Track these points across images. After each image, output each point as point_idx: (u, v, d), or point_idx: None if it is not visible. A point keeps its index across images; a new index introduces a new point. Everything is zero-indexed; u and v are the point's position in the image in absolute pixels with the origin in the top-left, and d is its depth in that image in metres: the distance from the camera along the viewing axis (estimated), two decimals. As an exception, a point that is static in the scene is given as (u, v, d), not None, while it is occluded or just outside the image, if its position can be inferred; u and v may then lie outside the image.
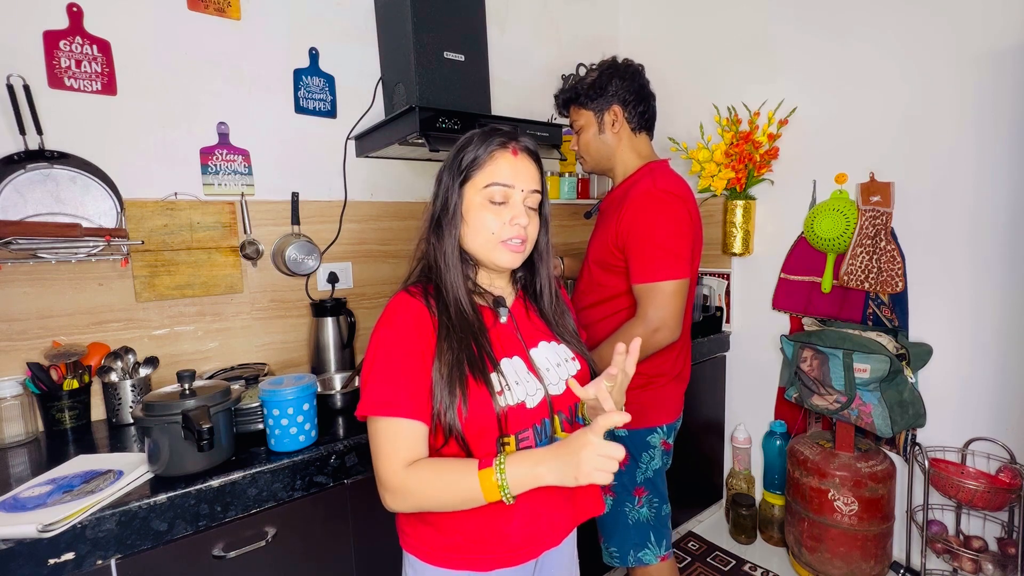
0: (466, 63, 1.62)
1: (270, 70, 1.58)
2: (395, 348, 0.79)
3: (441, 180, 0.87)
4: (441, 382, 0.78)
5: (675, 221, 1.23)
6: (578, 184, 2.24)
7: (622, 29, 2.56)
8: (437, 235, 0.86)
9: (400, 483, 0.76)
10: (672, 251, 1.21)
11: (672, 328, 1.22)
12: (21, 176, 1.23)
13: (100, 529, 0.89)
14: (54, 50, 1.27)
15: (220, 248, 1.51)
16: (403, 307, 0.82)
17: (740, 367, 2.31)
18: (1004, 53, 1.55)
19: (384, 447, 0.77)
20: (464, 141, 0.87)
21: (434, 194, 0.88)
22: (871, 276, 1.77)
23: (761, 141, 2.02)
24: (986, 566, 1.59)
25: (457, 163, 0.85)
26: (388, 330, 0.81)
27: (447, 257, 0.85)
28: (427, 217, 0.88)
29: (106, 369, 1.30)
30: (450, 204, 0.85)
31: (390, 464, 0.76)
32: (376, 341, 0.81)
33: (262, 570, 1.07)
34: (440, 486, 0.76)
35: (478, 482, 0.74)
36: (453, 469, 0.76)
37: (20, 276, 1.26)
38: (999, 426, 1.65)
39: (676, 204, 1.24)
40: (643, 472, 1.33)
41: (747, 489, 2.25)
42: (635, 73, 1.34)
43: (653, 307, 1.21)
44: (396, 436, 0.77)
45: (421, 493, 0.76)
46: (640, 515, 1.32)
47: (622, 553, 1.33)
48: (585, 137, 1.38)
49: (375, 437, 0.78)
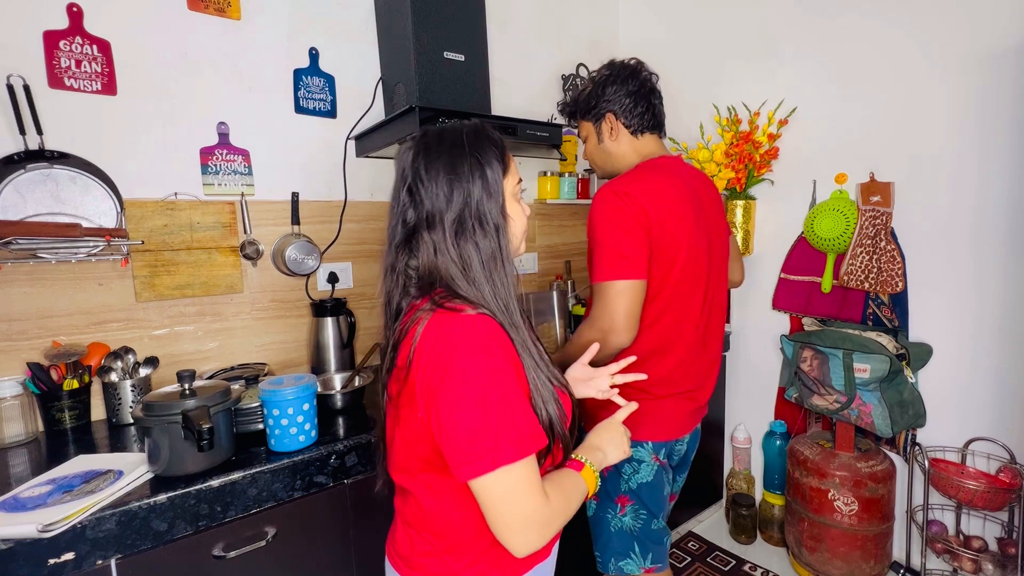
0: (466, 63, 1.62)
1: (270, 70, 1.58)
2: (508, 380, 0.69)
3: (464, 178, 0.76)
4: (542, 389, 0.75)
5: (622, 221, 1.14)
6: (578, 184, 2.24)
7: (622, 29, 2.56)
8: (483, 235, 0.75)
9: (549, 513, 0.71)
10: (617, 251, 1.13)
11: (620, 331, 1.13)
12: (21, 176, 1.23)
13: (100, 529, 0.89)
14: (54, 50, 1.27)
15: (220, 248, 1.51)
16: (496, 332, 0.71)
17: (740, 367, 2.31)
18: (1004, 53, 1.55)
19: (527, 485, 0.69)
20: (480, 137, 0.79)
21: (454, 198, 0.75)
22: (871, 276, 1.77)
23: (761, 141, 2.02)
24: (986, 566, 1.59)
25: (493, 158, 0.78)
26: (493, 360, 0.69)
27: (505, 255, 0.77)
28: (448, 222, 0.75)
29: (106, 369, 1.30)
30: (497, 200, 0.77)
31: (537, 499, 0.70)
32: (484, 376, 0.67)
33: (262, 570, 1.07)
34: (570, 497, 0.76)
35: (583, 480, 0.79)
36: (563, 477, 0.78)
37: (20, 276, 1.26)
38: (999, 426, 1.65)
39: (624, 203, 1.15)
40: (625, 481, 1.26)
41: (747, 489, 2.25)
42: (631, 75, 1.28)
43: (598, 308, 1.15)
44: (536, 468, 0.71)
45: (563, 512, 0.74)
46: (623, 523, 1.27)
47: (604, 560, 1.30)
48: (588, 148, 1.39)
49: (518, 483, 0.68)
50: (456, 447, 0.68)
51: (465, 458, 0.67)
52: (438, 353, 0.69)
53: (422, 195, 0.76)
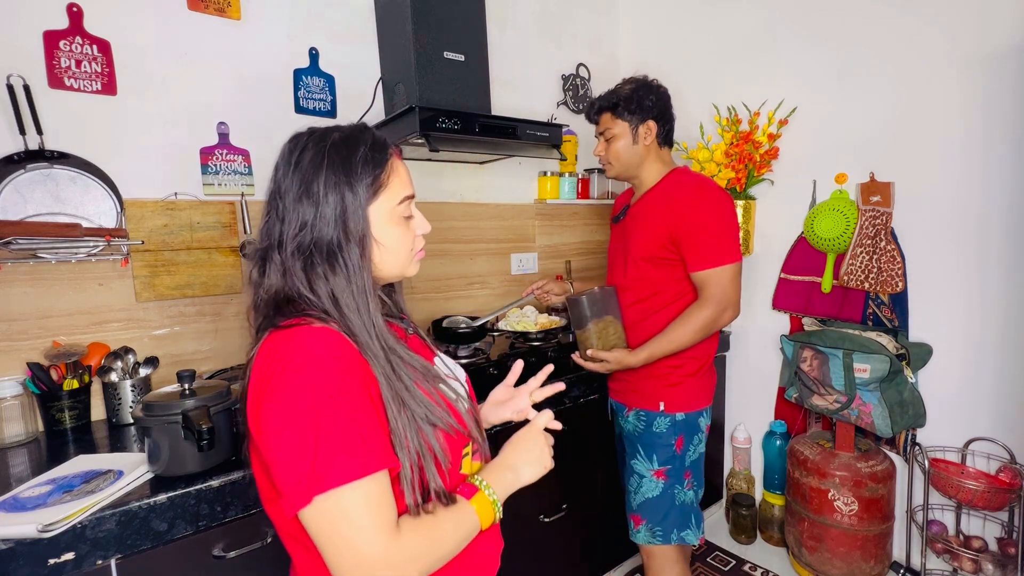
0: (466, 63, 1.62)
1: (270, 70, 1.58)
2: (339, 395, 0.58)
3: (317, 200, 0.66)
4: (416, 407, 0.66)
5: (728, 209, 1.36)
6: (578, 184, 2.24)
7: (622, 29, 2.56)
8: (330, 266, 0.66)
9: (404, 554, 0.58)
10: (729, 237, 1.34)
11: (736, 307, 1.36)
12: (21, 176, 1.23)
13: (100, 529, 0.89)
14: (54, 50, 1.27)
15: (220, 248, 1.51)
16: (333, 342, 0.62)
17: (740, 367, 2.31)
18: (1004, 53, 1.55)
19: (366, 520, 0.56)
20: (349, 151, 0.69)
21: (305, 221, 0.66)
22: (871, 276, 1.77)
23: (761, 141, 2.02)
24: (986, 566, 1.59)
25: (354, 180, 0.67)
26: (324, 371, 0.59)
27: (358, 290, 0.66)
28: (293, 246, 0.66)
29: (106, 369, 1.30)
30: (354, 230, 0.67)
31: (382, 536, 0.57)
32: (309, 390, 0.57)
33: (262, 570, 1.07)
34: (445, 533, 0.63)
35: (474, 510, 0.67)
36: (437, 509, 0.65)
37: (20, 276, 1.26)
38: (999, 426, 1.65)
39: (725, 195, 1.37)
40: (691, 456, 1.46)
41: (747, 489, 2.25)
42: (665, 95, 1.45)
43: (720, 288, 1.33)
44: (381, 496, 0.58)
45: (427, 552, 0.61)
46: (687, 497, 1.44)
47: (665, 532, 1.42)
48: (617, 146, 1.44)
49: (347, 514, 0.56)
50: (276, 476, 0.58)
51: (283, 487, 0.57)
52: (265, 372, 0.60)
53: (279, 210, 0.68)
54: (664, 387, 1.43)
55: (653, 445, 1.45)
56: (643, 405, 1.47)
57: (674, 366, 1.43)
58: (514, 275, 2.23)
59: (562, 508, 1.62)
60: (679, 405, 1.43)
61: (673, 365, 1.43)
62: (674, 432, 1.44)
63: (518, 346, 1.80)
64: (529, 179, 2.24)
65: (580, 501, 1.70)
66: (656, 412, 1.44)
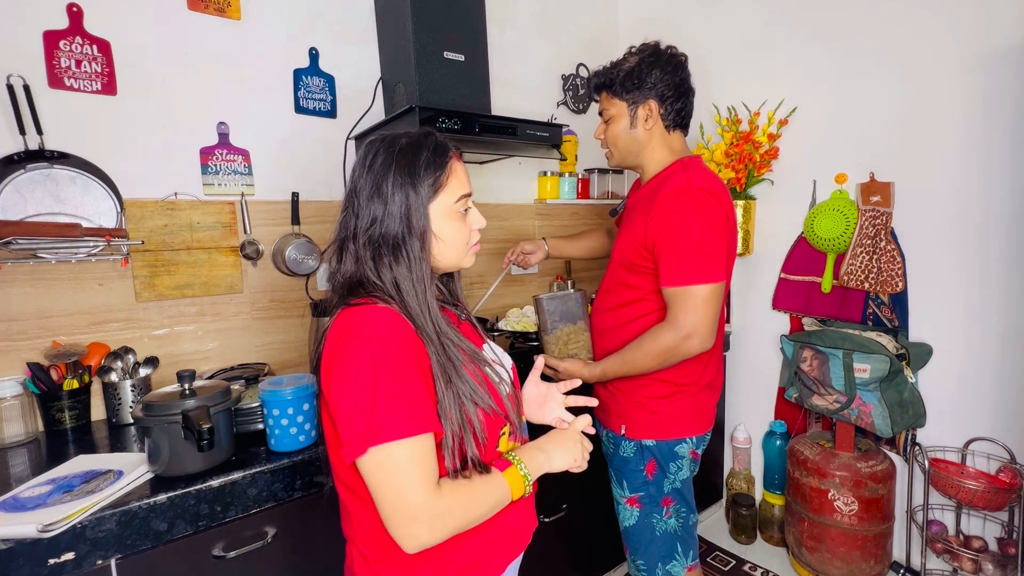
0: (466, 63, 1.62)
1: (270, 70, 1.58)
2: (397, 364, 0.68)
3: (386, 198, 0.76)
4: (462, 386, 0.74)
5: (709, 220, 1.12)
6: (578, 184, 2.24)
7: (622, 29, 2.56)
8: (394, 257, 0.76)
9: (441, 507, 0.68)
10: (706, 252, 1.12)
11: (704, 336, 1.13)
12: (21, 176, 1.23)
13: (100, 529, 0.89)
14: (54, 50, 1.27)
15: (220, 248, 1.51)
16: (395, 321, 0.71)
17: (740, 367, 2.31)
18: (1004, 53, 1.55)
19: (412, 473, 0.66)
20: (414, 155, 0.78)
21: (375, 217, 0.76)
22: (871, 276, 1.77)
23: (761, 141, 2.02)
24: (986, 566, 1.59)
25: (417, 181, 0.76)
26: (385, 344, 0.69)
27: (417, 278, 0.76)
28: (365, 238, 0.77)
29: (106, 369, 1.30)
30: (416, 225, 0.76)
31: (425, 489, 0.67)
32: (371, 359, 0.68)
33: (262, 570, 1.07)
34: (479, 496, 0.72)
35: (506, 482, 0.76)
36: (474, 475, 0.74)
37: (20, 276, 1.26)
38: (999, 426, 1.65)
39: (711, 202, 1.13)
40: (670, 483, 1.26)
41: (747, 489, 2.25)
42: (678, 65, 1.21)
43: (684, 312, 1.12)
44: (425, 455, 0.68)
45: (462, 510, 0.70)
46: (668, 526, 1.26)
47: (649, 566, 1.27)
48: (614, 129, 1.26)
49: (397, 467, 0.66)
50: (339, 428, 0.68)
51: (344, 438, 0.67)
52: (336, 341, 0.71)
53: (354, 206, 0.78)
54: (630, 406, 1.25)
55: (623, 470, 1.29)
56: (607, 424, 1.32)
57: (639, 385, 1.24)
58: (514, 275, 2.23)
59: (562, 508, 1.62)
60: (645, 431, 1.24)
61: (638, 384, 1.24)
62: (642, 458, 1.26)
63: (518, 346, 1.80)
64: (529, 179, 2.24)
65: (581, 501, 1.70)
66: (619, 435, 1.28)
